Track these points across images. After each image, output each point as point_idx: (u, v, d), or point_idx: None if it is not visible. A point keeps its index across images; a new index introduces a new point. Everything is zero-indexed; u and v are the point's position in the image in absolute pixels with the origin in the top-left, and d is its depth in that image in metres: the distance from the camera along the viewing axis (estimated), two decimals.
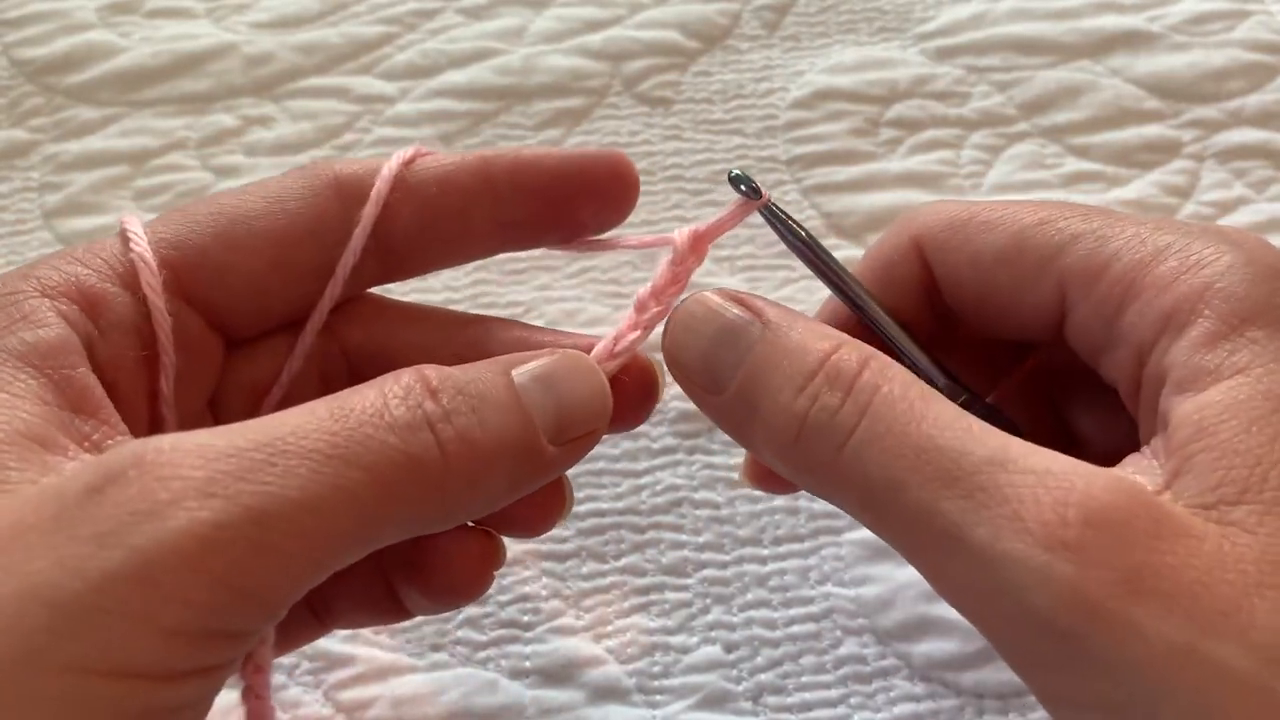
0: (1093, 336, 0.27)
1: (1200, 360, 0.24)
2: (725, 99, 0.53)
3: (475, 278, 0.47)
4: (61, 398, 0.25)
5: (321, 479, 0.22)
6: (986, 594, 0.23)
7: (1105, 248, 0.27)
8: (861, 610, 0.38)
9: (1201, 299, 0.24)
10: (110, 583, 0.20)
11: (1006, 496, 0.22)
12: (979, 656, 0.37)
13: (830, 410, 0.25)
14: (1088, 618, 0.21)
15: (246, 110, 0.54)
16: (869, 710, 0.36)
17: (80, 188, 0.51)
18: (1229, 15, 0.54)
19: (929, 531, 0.23)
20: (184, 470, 0.21)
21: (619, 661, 0.37)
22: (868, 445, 0.24)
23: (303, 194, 0.29)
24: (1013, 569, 0.22)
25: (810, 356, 0.26)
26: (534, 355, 0.27)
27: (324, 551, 0.23)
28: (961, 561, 0.23)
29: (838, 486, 0.25)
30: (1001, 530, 0.22)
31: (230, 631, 0.22)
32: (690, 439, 0.42)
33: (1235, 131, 0.50)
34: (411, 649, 0.38)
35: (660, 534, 0.40)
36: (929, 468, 0.23)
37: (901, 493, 0.23)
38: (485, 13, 0.57)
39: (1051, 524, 0.22)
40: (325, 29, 0.57)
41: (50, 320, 0.25)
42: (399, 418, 0.24)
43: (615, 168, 0.30)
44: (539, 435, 0.26)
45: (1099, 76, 0.53)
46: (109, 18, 0.58)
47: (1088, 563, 0.21)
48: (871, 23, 0.56)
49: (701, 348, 0.27)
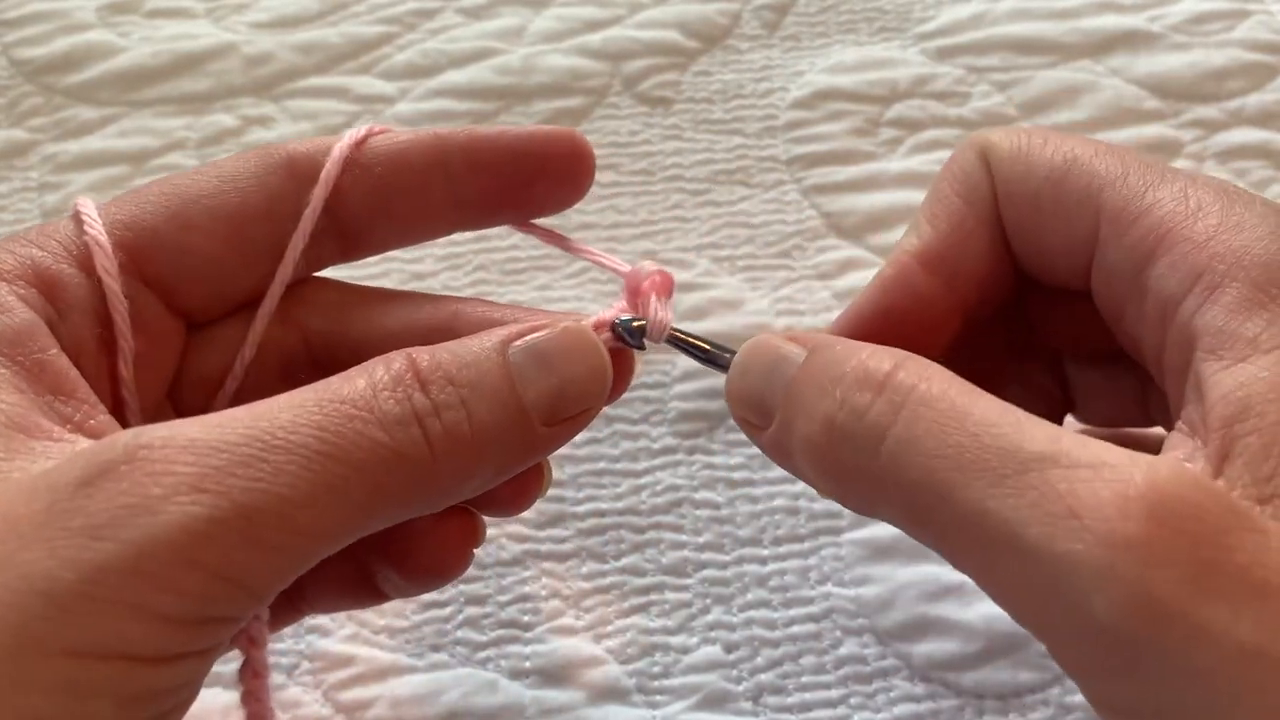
0: (1119, 284, 0.26)
1: (1237, 326, 0.23)
2: (725, 99, 0.53)
3: (475, 278, 0.47)
4: (37, 382, 0.25)
5: (310, 475, 0.22)
6: (1042, 598, 0.21)
7: (1148, 193, 0.26)
8: (861, 610, 0.38)
9: (1238, 261, 0.24)
10: (103, 573, 0.21)
11: (1061, 493, 0.21)
12: (979, 656, 0.37)
13: (859, 411, 0.24)
14: (1154, 621, 0.20)
15: (246, 110, 0.54)
16: (869, 710, 0.36)
17: (79, 188, 0.51)
18: (1229, 15, 0.54)
19: (978, 534, 0.22)
20: (176, 466, 0.22)
21: (619, 662, 0.37)
22: (906, 447, 0.23)
23: (255, 173, 0.29)
24: (1072, 571, 0.21)
25: (842, 365, 0.25)
26: (534, 327, 0.26)
27: (311, 543, 0.23)
28: (1014, 565, 0.21)
29: (877, 493, 0.24)
30: (1058, 530, 0.21)
31: (221, 617, 0.23)
32: (690, 439, 0.42)
33: (1236, 131, 0.50)
34: (411, 649, 0.38)
35: (660, 534, 0.40)
36: (974, 467, 0.22)
37: (946, 495, 0.22)
38: (485, 12, 0.57)
39: (1112, 520, 0.20)
40: (325, 29, 0.57)
41: (12, 305, 0.25)
42: (387, 412, 0.24)
43: (570, 145, 0.29)
44: (531, 419, 0.26)
45: (1099, 76, 0.53)
46: (108, 17, 0.58)
47: (1153, 562, 0.20)
48: (871, 23, 0.56)
49: (753, 384, 0.27)
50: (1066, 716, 0.36)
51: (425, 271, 0.47)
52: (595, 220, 0.49)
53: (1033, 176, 0.28)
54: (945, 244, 0.29)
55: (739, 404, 0.28)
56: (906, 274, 0.29)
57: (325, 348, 0.30)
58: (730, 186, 0.50)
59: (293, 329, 0.30)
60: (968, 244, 0.29)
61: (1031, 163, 0.28)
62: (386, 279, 0.47)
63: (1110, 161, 0.27)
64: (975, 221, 0.29)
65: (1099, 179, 0.27)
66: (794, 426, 0.25)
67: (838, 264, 0.47)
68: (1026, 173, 0.28)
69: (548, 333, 0.26)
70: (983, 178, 0.29)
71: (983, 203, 0.29)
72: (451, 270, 0.47)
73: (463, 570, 0.29)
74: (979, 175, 0.29)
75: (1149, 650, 0.20)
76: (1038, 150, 0.28)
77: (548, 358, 0.26)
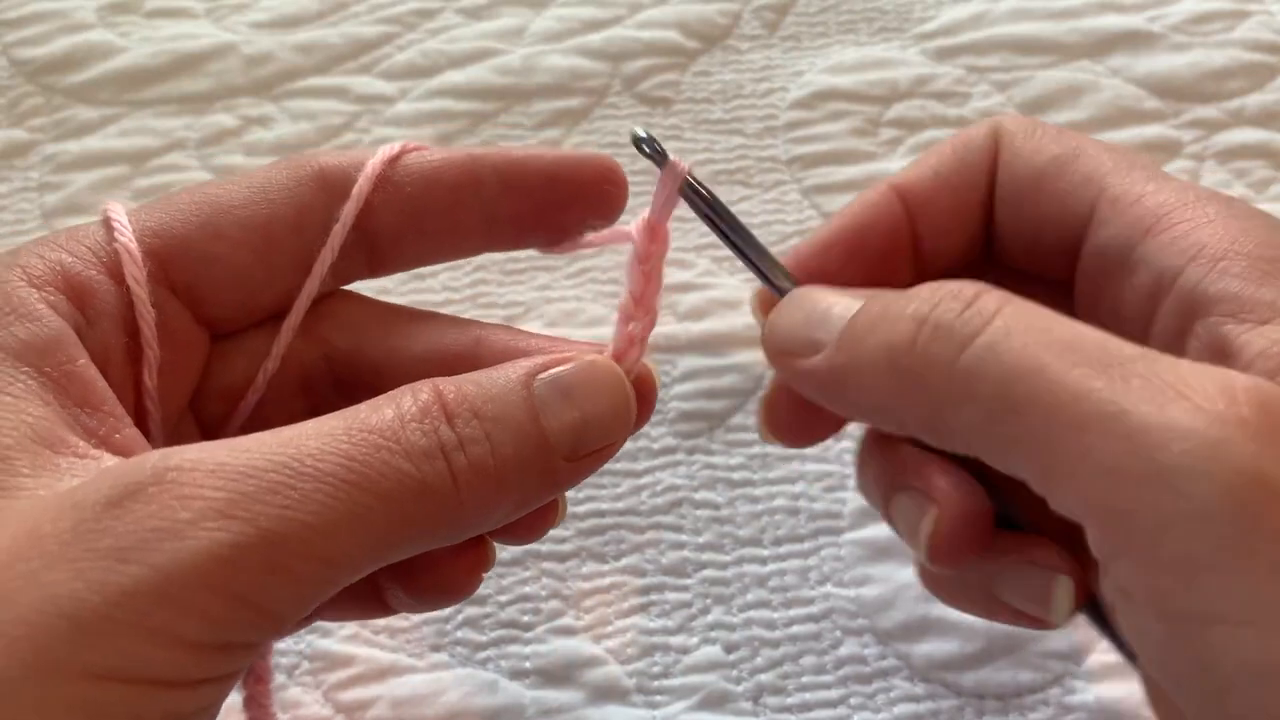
0: (1108, 261, 0.27)
1: (1256, 292, 0.24)
2: (725, 99, 0.53)
3: (475, 278, 0.47)
4: (64, 394, 0.25)
5: (336, 504, 0.22)
6: (1142, 479, 0.20)
7: (1151, 184, 0.27)
8: (861, 610, 0.38)
9: (1238, 240, 0.25)
10: (129, 598, 0.21)
11: (1168, 381, 0.21)
12: (979, 656, 0.37)
13: (952, 312, 0.24)
14: (1270, 500, 0.19)
15: (246, 110, 0.54)
16: (869, 711, 0.36)
17: (80, 188, 0.51)
18: (1229, 15, 0.54)
19: (1079, 413, 0.21)
20: (204, 490, 0.22)
21: (619, 662, 0.37)
22: (1003, 339, 0.23)
23: (286, 185, 0.29)
24: (1183, 443, 0.20)
25: (916, 294, 0.25)
26: (559, 360, 0.26)
27: (335, 571, 0.23)
28: (1117, 442, 0.20)
29: (960, 389, 0.23)
30: (1168, 407, 0.20)
31: (242, 643, 0.23)
32: (690, 439, 0.42)
33: (1236, 131, 0.50)
34: (411, 649, 0.38)
35: (660, 534, 0.40)
36: (1076, 355, 0.22)
37: (1046, 375, 0.22)
38: (485, 12, 0.57)
39: (1220, 403, 0.20)
40: (325, 29, 0.57)
41: (42, 313, 0.25)
42: (414, 444, 0.24)
43: (606, 172, 0.30)
44: (554, 454, 0.25)
45: (1099, 76, 0.53)
46: (108, 17, 0.58)
47: (1270, 441, 0.20)
48: (871, 23, 0.56)
49: (800, 320, 0.27)
50: (1066, 716, 0.36)
51: (425, 271, 0.47)
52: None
53: (1040, 154, 0.30)
54: (929, 188, 0.31)
55: (781, 338, 0.28)
56: (884, 199, 0.31)
57: (347, 365, 0.30)
58: (730, 186, 0.50)
59: (316, 344, 0.30)
60: (950, 197, 0.31)
61: (1041, 143, 0.30)
62: (387, 279, 0.46)
63: (1116, 156, 0.29)
64: (965, 180, 0.31)
65: (1104, 167, 0.28)
66: (863, 342, 0.25)
67: None
68: (1035, 151, 0.30)
69: (573, 366, 0.26)
70: (987, 147, 0.31)
71: (979, 167, 0.31)
72: (452, 270, 0.47)
73: (470, 593, 0.29)
74: (983, 144, 0.31)
75: (1260, 532, 0.19)
76: (1049, 136, 0.30)
77: (572, 393, 0.26)
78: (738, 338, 0.44)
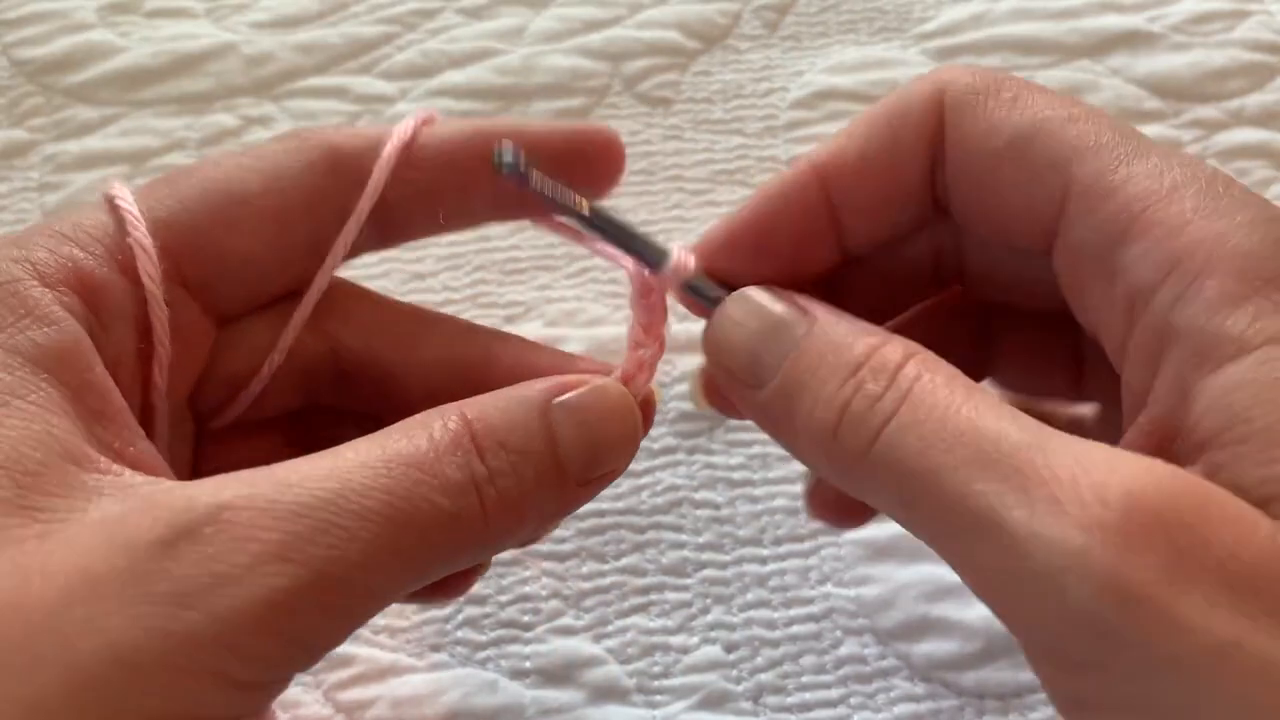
0: (1085, 262, 0.25)
1: (1220, 325, 0.22)
2: (725, 99, 0.53)
3: (475, 278, 0.47)
4: (81, 404, 0.24)
5: (380, 542, 0.23)
6: (1017, 581, 0.21)
7: (1121, 167, 0.25)
8: (861, 610, 0.38)
9: (1216, 250, 0.23)
10: (189, 644, 0.21)
11: (1044, 479, 0.21)
12: (979, 656, 0.37)
13: (871, 398, 0.24)
14: (1127, 607, 0.20)
15: (246, 110, 0.54)
16: (869, 710, 0.36)
17: (80, 188, 0.51)
18: (1229, 15, 0.54)
19: (962, 516, 0.22)
20: (259, 533, 0.22)
21: (619, 661, 0.37)
22: (905, 431, 0.23)
23: (297, 171, 0.28)
24: (1047, 552, 0.20)
25: (856, 350, 0.25)
26: (574, 383, 0.27)
27: (377, 603, 0.24)
28: (993, 546, 0.21)
29: (873, 477, 0.24)
30: (1037, 511, 0.21)
31: (285, 679, 0.24)
32: (690, 439, 0.42)
33: (1236, 131, 0.50)
34: (411, 649, 0.38)
35: (660, 534, 0.40)
36: (965, 450, 0.22)
37: (936, 477, 0.22)
38: (485, 12, 0.57)
39: (1090, 505, 0.20)
40: (325, 29, 0.57)
41: (58, 317, 0.24)
42: (450, 479, 0.24)
43: (606, 141, 0.30)
44: (569, 482, 0.26)
45: (1099, 76, 0.53)
46: (109, 17, 0.58)
47: (1128, 547, 0.20)
48: (872, 22, 0.56)
49: (745, 342, 0.27)
50: None
51: (425, 271, 0.47)
52: None
53: (996, 136, 0.26)
54: (853, 169, 0.28)
55: (725, 360, 0.27)
56: (798, 184, 0.28)
57: (355, 364, 0.30)
58: (730, 187, 0.50)
59: (323, 338, 0.30)
60: (877, 180, 0.28)
61: (995, 121, 0.26)
62: (386, 279, 0.47)
63: (1082, 129, 0.26)
64: (897, 161, 0.28)
65: (1069, 147, 0.25)
66: (798, 403, 0.25)
67: None
68: (989, 131, 0.26)
69: (586, 393, 0.26)
70: (926, 121, 0.27)
71: (914, 146, 0.27)
72: (452, 270, 0.47)
73: (463, 593, 0.30)
74: (922, 118, 0.27)
75: (1120, 637, 0.20)
76: (1004, 109, 0.26)
77: (586, 420, 0.26)
78: None
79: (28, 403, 0.23)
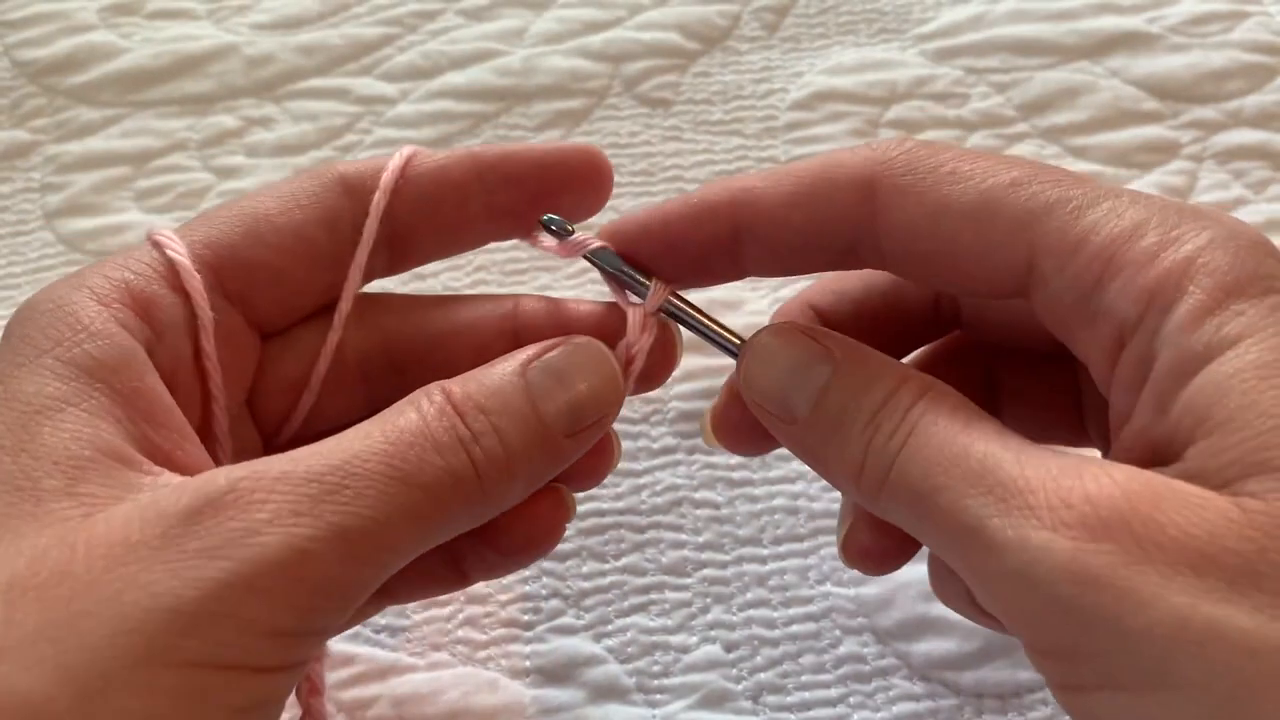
0: (1066, 311, 0.27)
1: (1189, 341, 0.24)
2: (725, 100, 0.53)
3: (475, 279, 0.47)
4: (132, 411, 0.26)
5: (388, 498, 0.25)
6: (1002, 581, 0.24)
7: (1081, 219, 0.26)
8: (861, 610, 0.38)
9: (1185, 275, 0.24)
10: (224, 590, 0.23)
11: (1020, 489, 0.24)
12: (978, 656, 0.37)
13: (886, 436, 0.27)
14: (1090, 588, 0.22)
15: (248, 111, 0.54)
16: (868, 709, 0.36)
17: (82, 189, 0.51)
18: (1228, 16, 0.54)
19: (958, 528, 0.24)
20: (275, 496, 0.24)
21: (619, 661, 0.37)
22: (911, 460, 0.26)
23: (314, 193, 0.31)
24: (1020, 550, 0.23)
25: (875, 397, 0.27)
26: (549, 346, 0.29)
27: (392, 557, 0.26)
28: (983, 553, 0.24)
29: (891, 501, 0.27)
30: (1014, 519, 0.23)
31: (316, 630, 0.25)
32: (690, 439, 0.42)
33: (1234, 132, 0.50)
34: (412, 648, 0.38)
35: (660, 534, 0.40)
36: (959, 470, 0.25)
37: (937, 496, 0.25)
38: (486, 14, 0.57)
39: (1057, 509, 0.23)
40: (326, 30, 0.57)
41: (112, 331, 0.27)
42: (441, 441, 0.26)
43: (590, 159, 0.32)
44: (554, 434, 0.28)
45: (1098, 77, 0.53)
46: (110, 19, 0.58)
47: (1089, 539, 0.22)
48: (871, 24, 0.56)
49: (775, 379, 0.29)
50: (1065, 716, 0.36)
51: (426, 272, 0.47)
52: (595, 221, 0.49)
53: (945, 216, 0.27)
54: (770, 215, 0.29)
55: (757, 395, 0.30)
56: (709, 211, 0.30)
57: (403, 347, 0.32)
58: None
59: (372, 331, 0.32)
60: (793, 233, 0.29)
61: (938, 200, 0.27)
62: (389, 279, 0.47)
63: (1031, 191, 0.27)
64: (817, 224, 0.29)
65: (1024, 212, 0.26)
66: (830, 439, 0.28)
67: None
68: (937, 211, 0.27)
69: (561, 350, 0.29)
70: (857, 199, 0.28)
71: (841, 218, 0.29)
72: (452, 270, 0.47)
73: (554, 544, 0.31)
74: (854, 195, 0.28)
75: (1089, 617, 0.22)
76: (945, 185, 0.27)
77: (562, 374, 0.28)
78: None
79: (80, 409, 0.26)
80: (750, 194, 0.29)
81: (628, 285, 0.31)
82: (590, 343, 0.29)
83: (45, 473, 0.25)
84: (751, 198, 0.29)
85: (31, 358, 0.26)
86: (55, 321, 0.27)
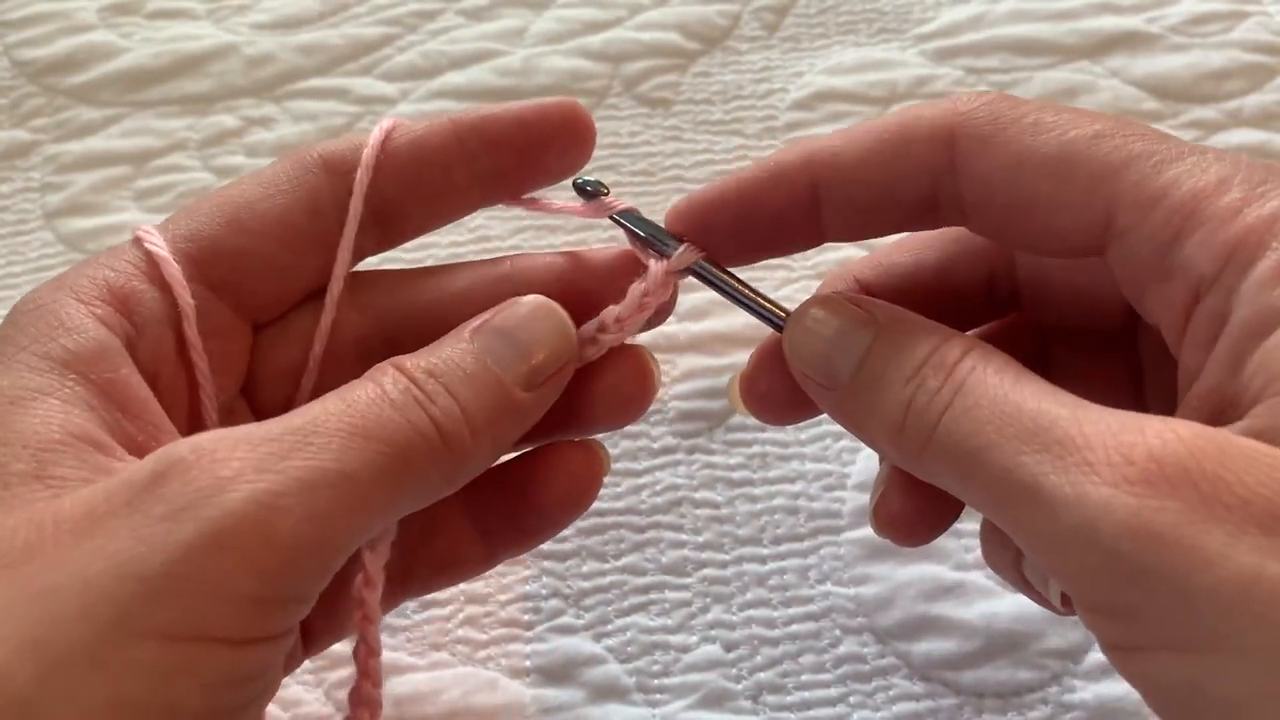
0: (1141, 265, 0.26)
1: (1268, 298, 0.23)
2: (725, 100, 0.53)
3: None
4: (108, 400, 0.26)
5: (352, 452, 0.25)
6: (1059, 539, 0.23)
7: (1163, 173, 0.26)
8: (861, 609, 0.38)
9: (1269, 232, 0.24)
10: (189, 552, 0.22)
11: (1078, 445, 0.23)
12: (978, 655, 0.37)
13: (931, 393, 0.26)
14: (1153, 546, 0.21)
15: (248, 111, 0.54)
16: (868, 709, 0.36)
17: (81, 188, 0.51)
18: (1228, 16, 0.54)
19: (1011, 486, 0.24)
20: (238, 454, 0.24)
21: (619, 660, 0.37)
22: (959, 418, 0.25)
23: (294, 175, 0.31)
24: (1080, 507, 0.22)
25: (919, 352, 0.27)
26: (495, 310, 0.29)
27: (361, 515, 0.25)
28: (1039, 511, 0.23)
29: (936, 461, 0.26)
30: (1073, 475, 0.23)
31: (290, 597, 0.24)
32: (690, 439, 0.42)
33: (1234, 132, 0.50)
34: (412, 648, 0.38)
35: (660, 533, 0.40)
36: (1011, 428, 0.24)
37: (987, 454, 0.24)
38: (486, 14, 0.57)
39: (1118, 465, 0.22)
40: (326, 30, 0.57)
41: (89, 326, 0.27)
42: (398, 400, 0.26)
43: (570, 113, 0.32)
44: (511, 390, 0.28)
45: (1098, 77, 0.53)
46: (110, 19, 0.58)
47: (1153, 495, 0.21)
48: (871, 24, 0.56)
49: (820, 348, 0.28)
50: (1066, 716, 0.36)
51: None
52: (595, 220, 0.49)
53: (1026, 164, 0.27)
54: (849, 173, 0.29)
55: (803, 363, 0.29)
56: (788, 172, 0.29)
57: (398, 323, 0.32)
58: None
59: (365, 311, 0.32)
60: (874, 189, 0.29)
61: (1020, 150, 0.27)
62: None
63: (1112, 144, 0.26)
64: (897, 177, 0.28)
65: (1105, 166, 0.26)
66: (871, 401, 0.27)
67: (837, 264, 0.47)
68: (1017, 160, 0.27)
69: (504, 311, 0.29)
70: (936, 149, 0.28)
71: (920, 168, 0.28)
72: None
73: (590, 501, 0.31)
74: (933, 145, 0.28)
75: (1151, 576, 0.21)
76: (1027, 136, 0.27)
77: (508, 331, 0.29)
78: (738, 337, 0.44)
79: (53, 398, 0.26)
80: (828, 153, 0.29)
81: (654, 248, 0.31)
82: (535, 299, 0.29)
83: (14, 456, 0.25)
84: (829, 156, 0.29)
85: (10, 355, 0.27)
86: (35, 321, 0.27)
